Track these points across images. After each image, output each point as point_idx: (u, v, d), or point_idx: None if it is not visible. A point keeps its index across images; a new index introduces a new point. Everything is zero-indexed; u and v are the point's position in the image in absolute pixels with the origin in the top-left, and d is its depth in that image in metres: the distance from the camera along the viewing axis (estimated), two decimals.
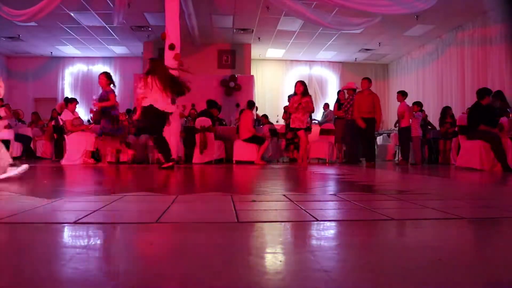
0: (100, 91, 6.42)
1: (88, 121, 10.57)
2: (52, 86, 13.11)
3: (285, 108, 9.07)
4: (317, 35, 10.81)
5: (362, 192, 2.87)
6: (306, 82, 13.79)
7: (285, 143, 8.39)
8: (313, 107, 6.69)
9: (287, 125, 8.44)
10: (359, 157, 7.81)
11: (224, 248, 1.21)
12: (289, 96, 8.64)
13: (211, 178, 4.45)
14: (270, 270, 0.99)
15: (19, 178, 3.50)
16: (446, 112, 8.50)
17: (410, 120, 7.93)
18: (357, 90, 7.70)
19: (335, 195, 2.59)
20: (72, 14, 9.25)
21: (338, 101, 8.64)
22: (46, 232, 1.43)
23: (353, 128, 7.26)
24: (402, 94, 8.21)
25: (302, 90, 6.46)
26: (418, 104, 8.16)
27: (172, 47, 7.23)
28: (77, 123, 7.40)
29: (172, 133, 7.13)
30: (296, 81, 6.78)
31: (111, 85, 6.33)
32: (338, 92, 9.09)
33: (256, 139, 7.57)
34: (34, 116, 9.78)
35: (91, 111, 6.37)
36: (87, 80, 13.19)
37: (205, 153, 7.37)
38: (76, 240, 1.32)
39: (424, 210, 1.95)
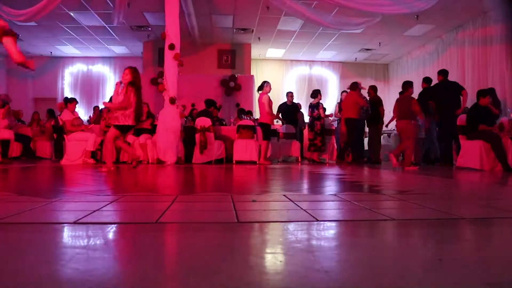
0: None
1: (88, 121, 10.58)
2: (52, 86, 13.08)
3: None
4: (317, 35, 10.80)
5: (362, 192, 2.87)
6: (306, 82, 13.95)
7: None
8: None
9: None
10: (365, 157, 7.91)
11: (224, 248, 1.21)
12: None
13: (211, 178, 4.45)
14: (270, 270, 0.99)
15: (20, 178, 3.50)
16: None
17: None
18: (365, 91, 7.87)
19: (335, 195, 2.59)
20: (72, 14, 9.24)
21: (341, 101, 8.59)
22: (46, 232, 1.43)
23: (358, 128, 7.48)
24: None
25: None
26: None
27: (172, 47, 7.22)
28: (77, 123, 7.40)
29: (172, 133, 7.14)
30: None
31: None
32: (342, 93, 9.02)
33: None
34: (36, 116, 9.77)
35: None
36: (87, 80, 13.15)
37: (205, 153, 7.36)
38: (76, 240, 1.32)
39: (424, 210, 1.94)
